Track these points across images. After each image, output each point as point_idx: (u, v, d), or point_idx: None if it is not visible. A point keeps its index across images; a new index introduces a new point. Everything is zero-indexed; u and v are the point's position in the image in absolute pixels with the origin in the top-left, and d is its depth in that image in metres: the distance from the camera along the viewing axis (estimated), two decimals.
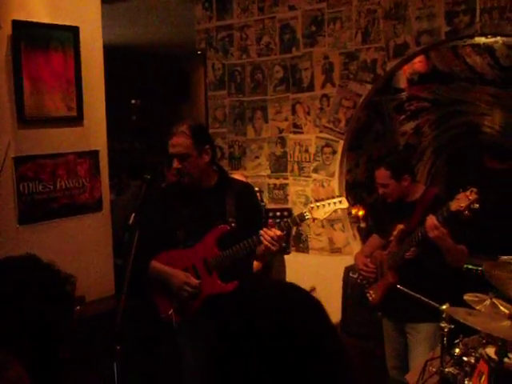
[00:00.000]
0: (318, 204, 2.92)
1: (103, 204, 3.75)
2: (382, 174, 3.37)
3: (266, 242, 2.80)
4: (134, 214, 2.55)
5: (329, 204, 2.92)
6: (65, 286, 1.28)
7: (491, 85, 5.37)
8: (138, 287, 2.81)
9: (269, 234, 2.81)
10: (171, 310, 2.90)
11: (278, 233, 2.82)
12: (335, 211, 3.03)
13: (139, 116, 9.17)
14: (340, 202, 2.94)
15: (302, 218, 2.91)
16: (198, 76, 8.07)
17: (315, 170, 4.70)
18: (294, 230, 4.69)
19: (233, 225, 2.88)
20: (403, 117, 5.65)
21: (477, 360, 2.42)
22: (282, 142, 4.85)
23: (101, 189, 3.73)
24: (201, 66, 5.83)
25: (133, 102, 9.15)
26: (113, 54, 4.10)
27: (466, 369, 2.41)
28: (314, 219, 2.96)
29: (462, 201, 2.94)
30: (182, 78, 8.60)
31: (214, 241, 2.91)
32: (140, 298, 2.89)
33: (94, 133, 3.72)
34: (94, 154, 3.70)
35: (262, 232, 2.82)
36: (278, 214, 4.06)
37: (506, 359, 2.32)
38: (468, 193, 2.94)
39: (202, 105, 7.13)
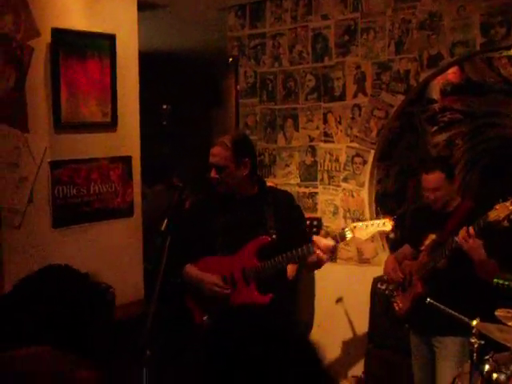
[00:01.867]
0: (360, 224, 2.87)
1: (134, 209, 3.80)
2: (437, 177, 3.27)
3: (319, 251, 2.78)
4: (166, 220, 2.58)
5: (372, 225, 2.86)
6: (105, 296, 1.30)
7: None
8: (169, 293, 2.83)
9: (324, 242, 2.78)
10: (205, 317, 2.92)
11: (332, 243, 2.79)
12: (378, 233, 2.98)
13: (170, 121, 9.25)
14: (383, 223, 2.87)
15: (342, 236, 2.86)
16: (229, 83, 8.11)
17: (345, 180, 4.69)
18: None
19: (274, 236, 2.88)
20: (435, 128, 5.60)
21: (507, 378, 2.39)
22: (313, 150, 4.85)
23: (133, 194, 3.78)
24: (232, 73, 5.86)
25: (164, 107, 9.24)
26: (145, 59, 4.15)
27: None
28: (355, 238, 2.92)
29: (502, 211, 2.90)
30: (213, 84, 8.65)
31: (254, 251, 2.89)
32: (171, 303, 2.91)
33: (128, 138, 3.78)
34: (127, 160, 3.75)
35: (315, 239, 2.79)
36: (308, 223, 4.05)
37: None
38: (508, 203, 2.89)
39: (232, 112, 7.17)
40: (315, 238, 2.80)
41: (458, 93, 5.50)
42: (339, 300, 4.71)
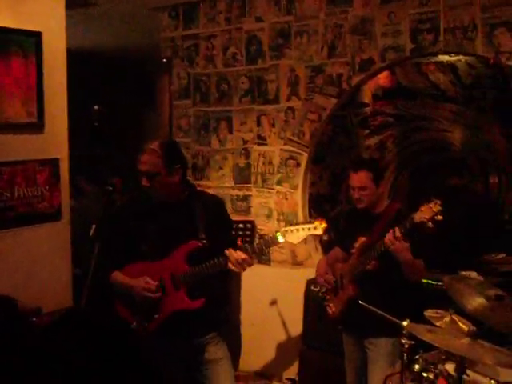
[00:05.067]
0: (292, 228, 2.88)
1: (62, 213, 3.67)
2: (363, 176, 3.31)
3: (231, 265, 2.78)
4: (94, 226, 2.50)
5: (303, 229, 2.88)
6: (26, 321, 1.20)
7: (453, 102, 5.47)
8: (99, 298, 2.75)
9: (234, 256, 2.78)
10: (134, 323, 2.86)
11: (243, 256, 2.79)
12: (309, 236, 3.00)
13: (101, 122, 9.06)
14: (315, 227, 2.90)
15: (274, 240, 2.88)
16: (163, 84, 8.00)
17: (279, 182, 4.70)
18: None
19: (204, 241, 2.84)
20: (367, 131, 5.71)
21: (436, 376, 2.44)
22: (246, 153, 4.84)
23: (60, 197, 3.65)
24: (166, 74, 5.79)
25: (95, 107, 9.04)
26: (76, 58, 4.02)
27: None
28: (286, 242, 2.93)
29: (426, 212, 2.97)
30: (146, 85, 8.51)
31: (183, 256, 2.86)
32: (100, 309, 2.84)
33: (55, 140, 3.65)
34: (55, 162, 3.62)
35: (227, 253, 2.79)
36: (241, 226, 4.02)
37: (464, 376, 2.34)
38: (432, 204, 2.97)
39: (166, 113, 7.07)
40: (227, 251, 2.79)
41: (389, 97, 5.62)
42: (273, 302, 4.71)
